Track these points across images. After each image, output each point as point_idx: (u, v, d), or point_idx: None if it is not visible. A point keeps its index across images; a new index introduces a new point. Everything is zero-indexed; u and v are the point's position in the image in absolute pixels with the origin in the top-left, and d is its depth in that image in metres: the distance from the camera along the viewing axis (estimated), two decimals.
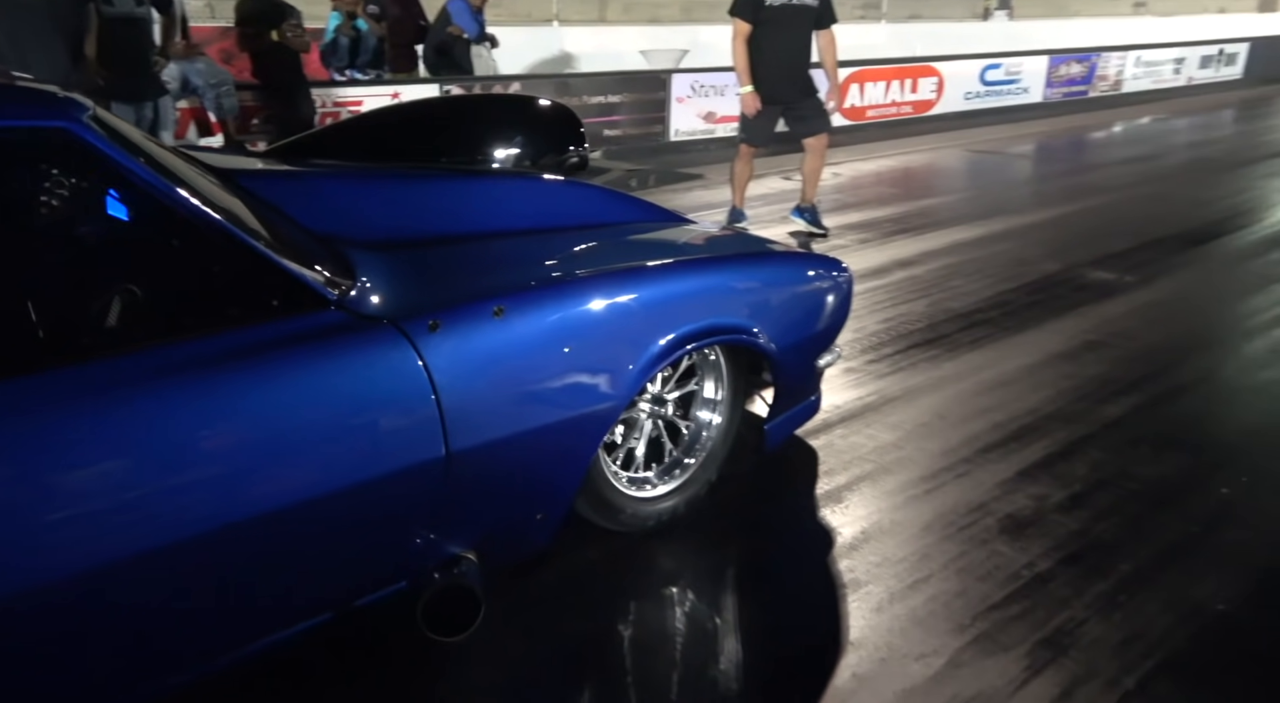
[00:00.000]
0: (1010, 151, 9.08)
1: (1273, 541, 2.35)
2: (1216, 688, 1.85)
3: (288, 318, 1.58)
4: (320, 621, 1.73)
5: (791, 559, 2.36)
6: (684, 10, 12.71)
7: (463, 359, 1.72)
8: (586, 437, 1.99)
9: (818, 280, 2.52)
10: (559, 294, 1.94)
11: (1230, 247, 5.23)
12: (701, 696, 1.88)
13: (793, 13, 4.93)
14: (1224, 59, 15.84)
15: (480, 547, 1.89)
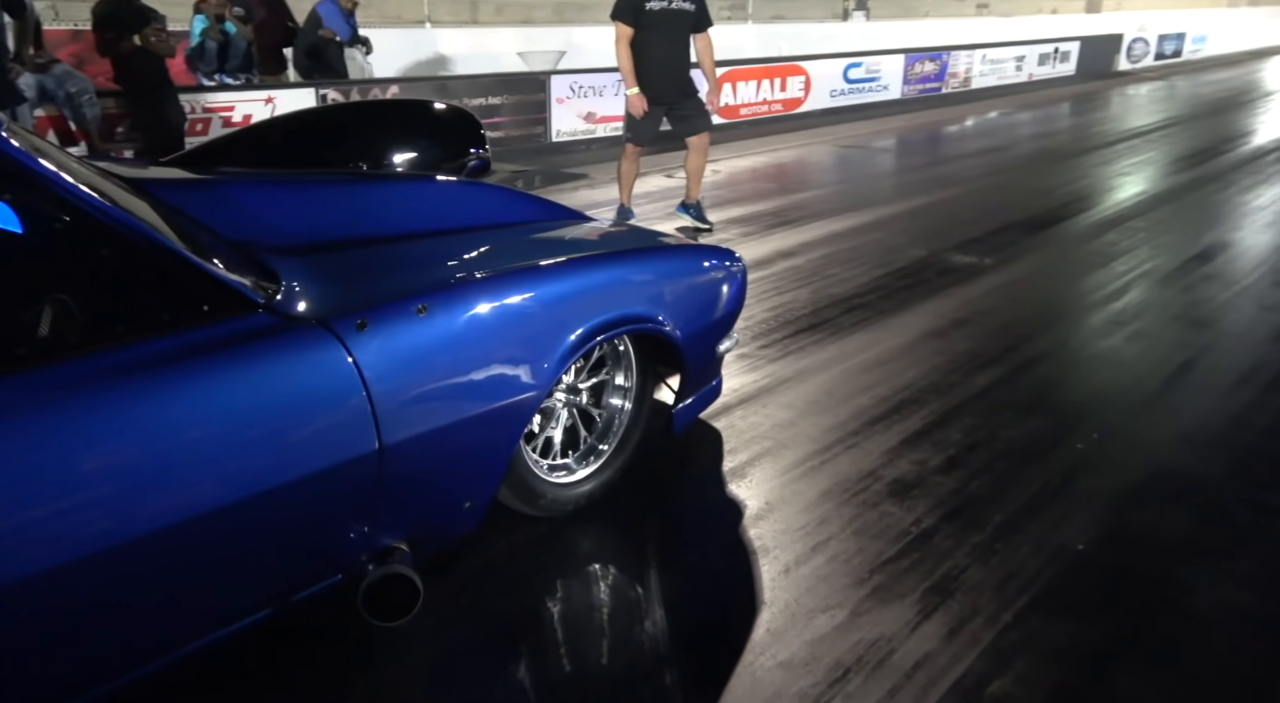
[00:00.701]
0: (874, 146, 9.58)
1: (1121, 486, 2.65)
2: (1078, 616, 2.10)
3: (218, 322, 1.62)
4: (259, 618, 1.77)
5: (704, 531, 2.52)
6: (556, 12, 12.77)
7: (391, 356, 1.79)
8: (510, 426, 2.08)
9: (715, 270, 2.69)
10: (478, 291, 2.02)
11: (1073, 229, 5.74)
12: (630, 660, 2.00)
13: (671, 17, 5.13)
14: (1059, 57, 17.11)
15: (411, 537, 1.96)
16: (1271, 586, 2.19)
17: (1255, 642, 2.01)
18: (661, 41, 5.17)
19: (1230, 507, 2.53)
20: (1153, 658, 1.96)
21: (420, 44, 10.74)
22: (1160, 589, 2.19)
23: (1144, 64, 19.94)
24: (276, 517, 1.67)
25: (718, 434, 2.96)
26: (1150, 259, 4.97)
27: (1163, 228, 5.73)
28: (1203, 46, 22.91)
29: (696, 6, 5.21)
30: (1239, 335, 3.83)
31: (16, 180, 1.45)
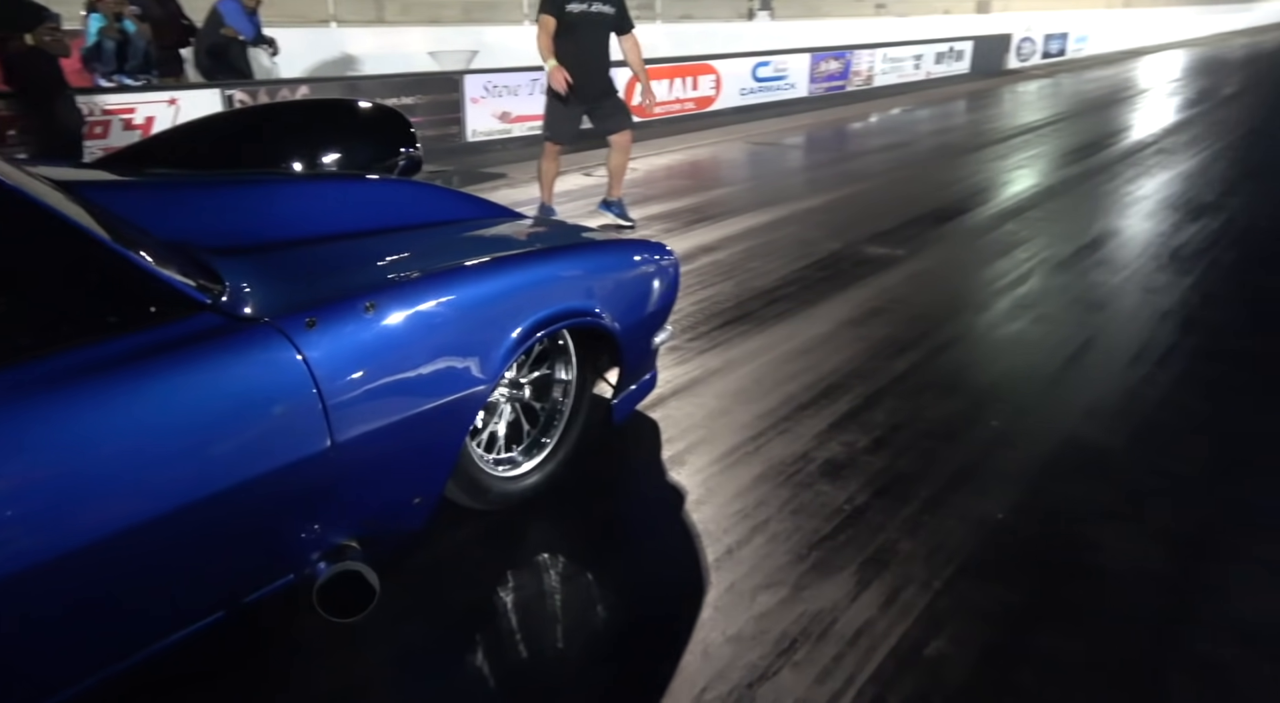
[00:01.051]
0: (784, 143, 9.83)
1: (1034, 459, 2.82)
2: (1001, 579, 2.24)
3: (166, 324, 1.61)
4: (212, 620, 1.76)
5: (647, 519, 2.59)
6: (464, 11, 12.65)
7: (340, 354, 1.81)
8: (457, 421, 2.12)
9: (649, 264, 2.76)
10: (425, 289, 2.04)
11: (976, 220, 6.02)
12: (586, 644, 2.06)
13: (592, 19, 5.20)
14: (954, 55, 17.80)
15: (362, 534, 1.96)
16: (1172, 542, 2.39)
17: (1159, 595, 2.19)
18: (582, 42, 5.23)
19: (1131, 474, 2.73)
20: (1069, 615, 2.12)
21: (326, 43, 10.50)
22: (1073, 551, 2.36)
23: (1032, 62, 20.91)
24: (229, 518, 1.67)
25: (655, 425, 3.03)
26: (1047, 247, 5.26)
27: (1057, 218, 6.06)
28: (1084, 46, 24.15)
29: (616, 9, 5.29)
30: (1130, 316, 4.11)
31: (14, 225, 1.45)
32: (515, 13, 12.56)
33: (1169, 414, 3.11)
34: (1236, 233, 5.54)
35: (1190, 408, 3.16)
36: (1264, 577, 2.25)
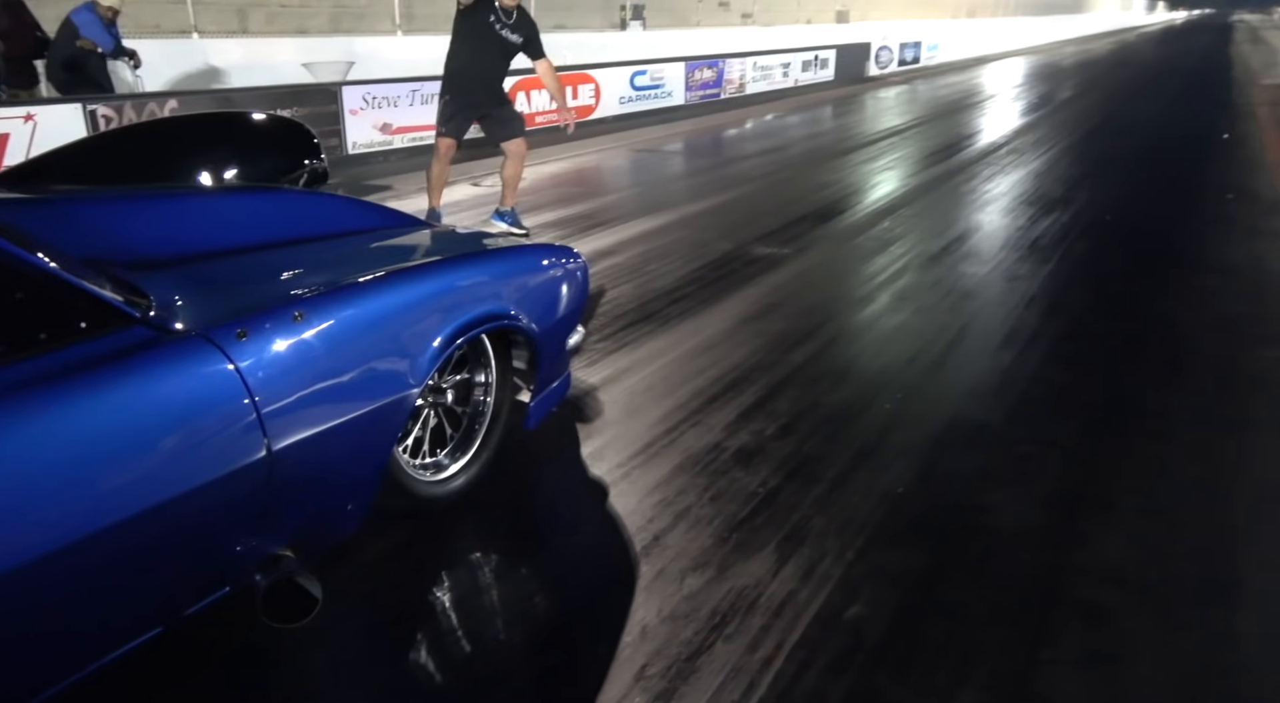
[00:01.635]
0: (666, 150, 10.06)
1: (925, 436, 3.05)
2: (906, 545, 2.43)
3: (98, 338, 1.61)
4: (149, 636, 1.75)
5: (574, 513, 2.67)
6: (332, 21, 12.32)
7: (272, 363, 1.82)
8: (388, 426, 2.15)
9: (559, 267, 2.83)
10: (352, 296, 2.08)
11: (852, 219, 6.35)
12: (527, 634, 2.12)
13: (498, 39, 5.28)
14: (819, 63, 18.56)
15: (296, 542, 1.98)
16: (1050, 502, 2.64)
17: (1044, 549, 2.42)
18: (481, 55, 5.32)
19: (1012, 444, 2.99)
20: (968, 571, 2.32)
21: (188, 55, 10.07)
22: (967, 516, 2.57)
23: (890, 70, 22.01)
24: (166, 532, 1.66)
25: (572, 425, 3.11)
26: (920, 243, 5.61)
27: (926, 215, 6.47)
28: (936, 53, 25.59)
29: (525, 38, 5.35)
30: (999, 303, 4.45)
31: None
32: (386, 23, 12.35)
33: (1039, 389, 3.41)
34: (1084, 224, 6.06)
35: (1057, 382, 3.47)
36: (1131, 525, 2.52)
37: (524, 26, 5.37)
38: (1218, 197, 6.90)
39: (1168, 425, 3.11)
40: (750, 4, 20.58)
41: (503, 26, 5.27)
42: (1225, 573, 2.30)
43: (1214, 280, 4.76)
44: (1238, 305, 4.37)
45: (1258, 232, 5.76)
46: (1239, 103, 13.70)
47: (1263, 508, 2.60)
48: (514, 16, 5.29)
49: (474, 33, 5.25)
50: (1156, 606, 2.18)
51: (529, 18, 5.42)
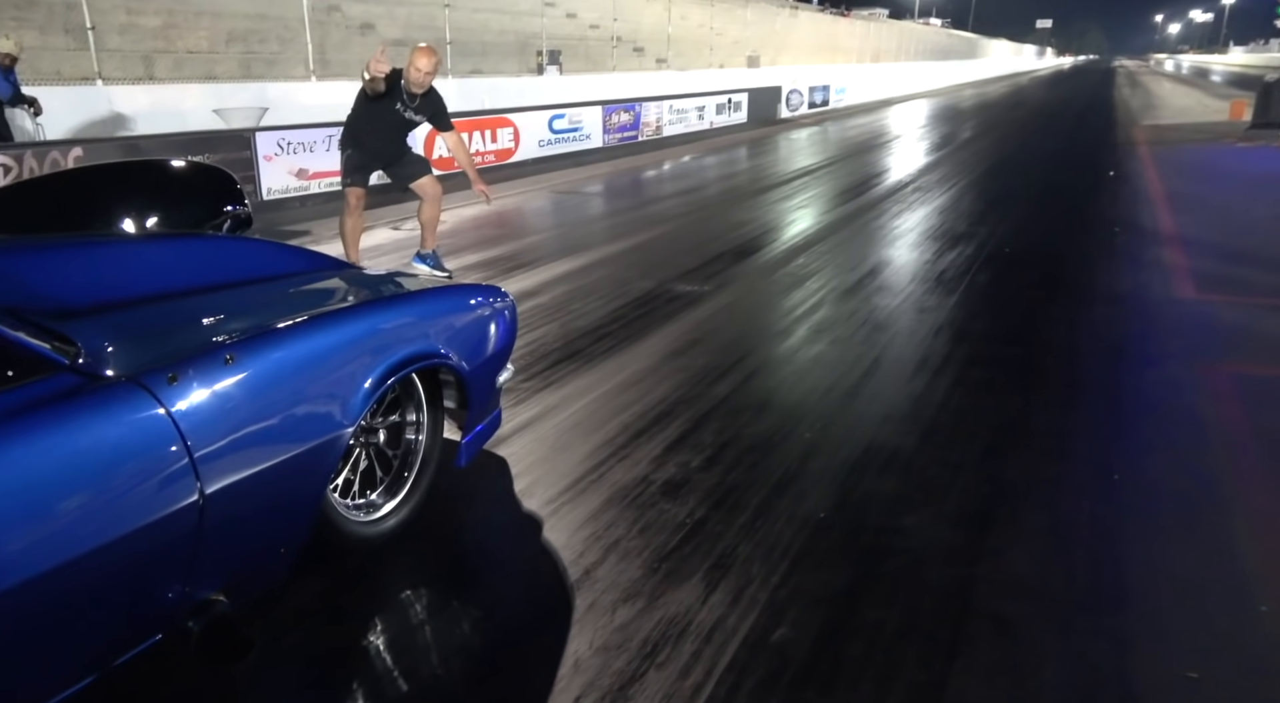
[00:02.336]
0: (586, 191, 10.21)
1: (844, 462, 3.17)
2: (828, 567, 2.53)
3: (25, 385, 1.60)
4: (83, 685, 1.72)
5: (507, 549, 2.70)
6: (243, 67, 12.15)
7: (203, 406, 1.83)
8: (320, 467, 2.17)
9: (487, 306, 2.89)
10: (282, 339, 2.10)
11: (769, 256, 6.56)
12: (462, 670, 2.14)
13: (402, 120, 5.30)
14: (733, 106, 19.11)
15: (228, 587, 1.97)
16: (960, 521, 2.78)
17: (954, 565, 2.54)
18: (383, 130, 5.35)
19: (924, 467, 3.14)
20: (885, 589, 2.43)
21: (91, 102, 9.83)
22: (883, 537, 2.69)
23: (800, 112, 22.79)
24: (97, 579, 1.64)
25: (502, 462, 3.15)
26: (834, 277, 5.84)
27: (839, 251, 6.72)
28: (844, 96, 26.62)
29: (429, 115, 5.37)
30: (909, 333, 4.66)
31: None
32: (300, 68, 12.27)
33: (948, 414, 3.58)
34: (986, 256, 6.38)
35: (964, 407, 3.65)
36: (1034, 540, 2.67)
37: (429, 106, 5.36)
38: (1106, 229, 7.35)
39: (1064, 444, 3.31)
40: (664, 49, 21.10)
41: (406, 108, 5.28)
42: (1117, 581, 2.46)
43: (1103, 308, 5.07)
44: (1125, 331, 4.67)
45: (1142, 262, 6.16)
46: (1122, 142, 14.62)
47: (1150, 519, 2.79)
48: (418, 100, 5.30)
49: (378, 114, 5.25)
50: (1058, 614, 2.32)
51: (435, 95, 5.38)
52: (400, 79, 5.16)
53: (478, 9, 15.75)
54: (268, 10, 12.28)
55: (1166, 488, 2.97)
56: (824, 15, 34.32)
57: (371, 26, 13.74)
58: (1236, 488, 2.96)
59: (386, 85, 5.05)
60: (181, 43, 11.04)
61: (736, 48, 24.56)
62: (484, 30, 15.67)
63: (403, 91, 5.21)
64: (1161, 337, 4.54)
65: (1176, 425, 3.46)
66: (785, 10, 30.81)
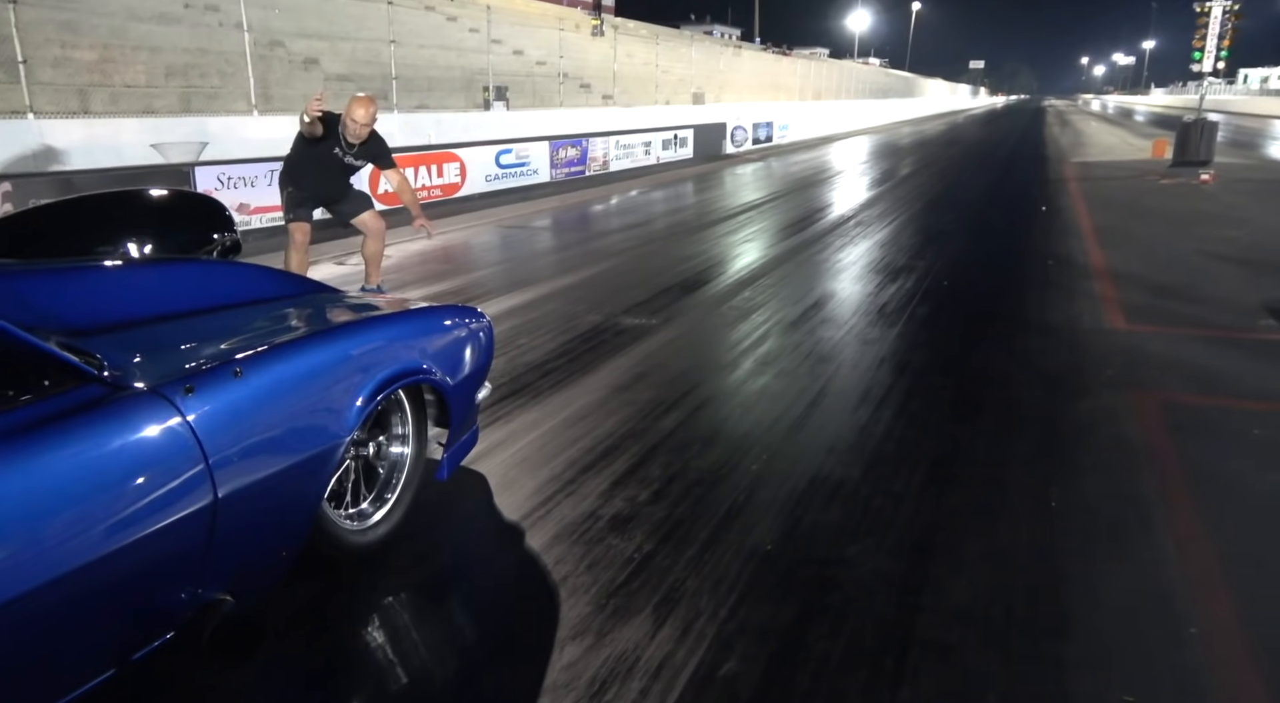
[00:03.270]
0: (534, 225, 10.23)
1: (790, 494, 3.20)
2: (775, 600, 2.54)
3: (60, 394, 1.73)
4: (103, 679, 1.81)
5: (448, 589, 2.66)
6: (183, 101, 11.97)
7: (218, 415, 1.97)
8: (320, 474, 2.31)
9: (466, 327, 3.02)
10: (284, 355, 2.25)
11: (715, 289, 6.64)
12: (450, 671, 2.10)
13: (341, 165, 5.28)
14: (679, 142, 19.38)
15: (233, 587, 2.07)
16: (902, 550, 2.82)
17: (897, 594, 2.58)
18: (322, 173, 5.32)
19: (868, 497, 3.18)
20: (832, 620, 2.45)
21: (22, 136, 9.58)
22: (829, 568, 2.71)
23: (745, 148, 23.21)
24: (120, 576, 1.75)
25: (449, 500, 3.11)
26: (780, 310, 5.92)
27: (784, 284, 6.83)
28: (787, 133, 27.18)
29: (372, 157, 5.34)
30: (853, 365, 4.74)
31: None
32: (241, 103, 12.15)
33: (891, 445, 3.64)
34: (926, 289, 6.54)
35: (906, 437, 3.72)
36: (974, 568, 2.72)
37: (370, 151, 5.33)
38: (1040, 263, 7.59)
39: (1002, 473, 3.38)
40: (611, 86, 21.37)
41: (346, 154, 5.25)
42: (1055, 606, 2.52)
43: (1038, 340, 5.22)
44: (1059, 361, 4.81)
45: (1075, 294, 6.37)
46: (1054, 178, 15.16)
47: (1086, 545, 2.86)
48: (356, 147, 5.27)
49: (317, 157, 5.21)
50: (999, 641, 2.36)
51: (375, 140, 5.34)
52: (339, 123, 5.13)
53: (423, 45, 15.79)
54: (208, 45, 12.16)
55: (1101, 514, 3.05)
56: (766, 54, 35.14)
57: (315, 62, 13.69)
58: (1166, 513, 3.05)
59: (325, 129, 5.01)
60: (118, 77, 10.87)
61: (682, 85, 24.97)
62: (430, 66, 15.71)
63: (341, 137, 5.16)
64: (1094, 366, 4.68)
65: (1110, 453, 3.57)
66: (729, 49, 31.47)
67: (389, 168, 5.44)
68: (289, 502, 2.21)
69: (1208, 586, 2.61)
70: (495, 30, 17.55)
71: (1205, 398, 4.21)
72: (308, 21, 13.74)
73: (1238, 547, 2.82)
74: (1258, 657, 2.29)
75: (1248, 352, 4.90)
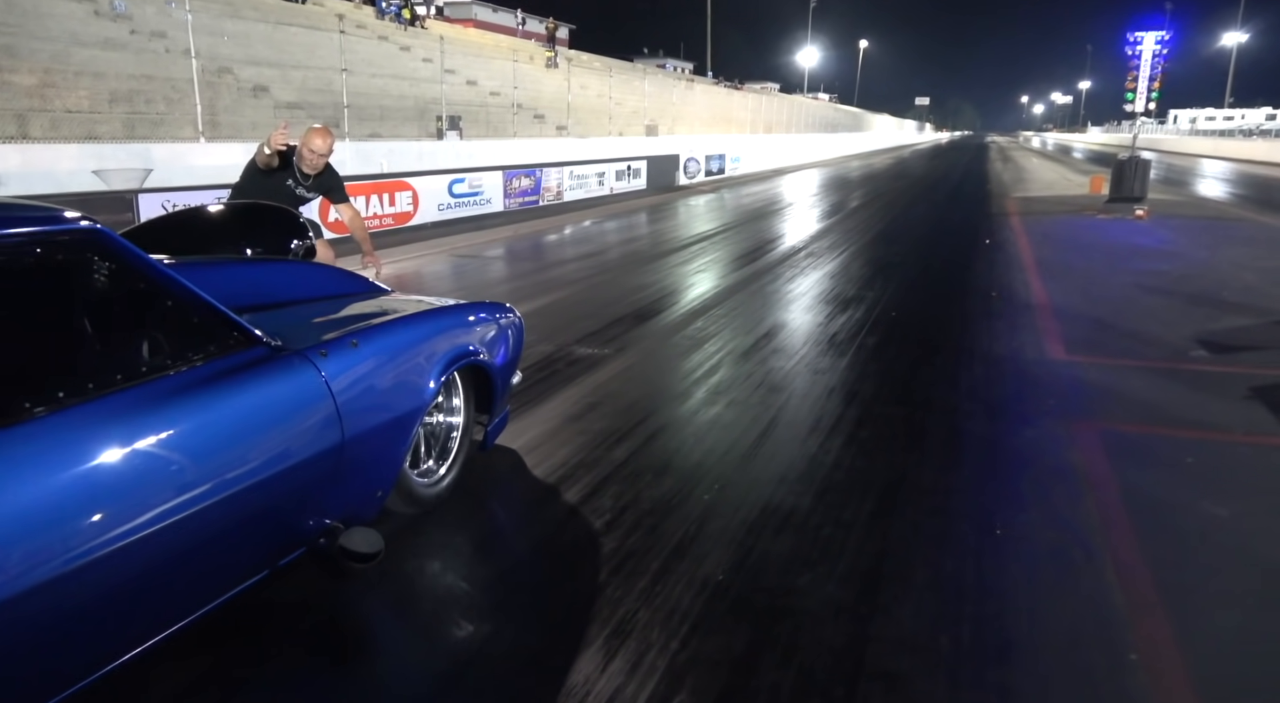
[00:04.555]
0: (487, 255, 10.21)
1: (741, 523, 3.21)
2: (727, 631, 2.54)
3: (242, 351, 2.34)
4: (260, 577, 2.40)
5: (394, 625, 2.61)
6: (127, 127, 11.74)
7: (343, 374, 2.55)
8: (408, 428, 2.87)
9: (504, 318, 3.60)
10: (385, 331, 2.88)
11: (668, 319, 6.68)
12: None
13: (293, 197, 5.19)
14: (633, 173, 19.55)
15: (344, 517, 2.62)
16: (852, 579, 2.84)
17: (847, 623, 2.59)
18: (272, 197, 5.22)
19: (819, 526, 3.21)
20: (782, 651, 2.45)
21: None
22: (780, 597, 2.72)
23: (698, 179, 23.50)
24: (279, 494, 2.32)
25: (399, 530, 3.06)
26: (731, 340, 5.97)
27: (736, 314, 6.89)
28: (739, 165, 27.60)
29: (325, 190, 5.25)
30: (804, 395, 4.79)
31: (142, 284, 2.17)
32: (188, 129, 11.98)
33: (841, 474, 3.68)
34: (874, 320, 6.66)
35: (855, 466, 3.76)
36: (922, 596, 2.75)
37: (324, 184, 5.25)
38: (984, 294, 7.77)
39: (948, 502, 3.44)
40: (565, 117, 21.51)
41: (299, 185, 5.18)
42: (1000, 634, 2.56)
43: (982, 369, 5.34)
44: (1003, 391, 4.92)
45: (1017, 325, 6.53)
46: (996, 212, 15.59)
47: (1030, 572, 2.91)
48: (311, 179, 5.20)
49: (269, 187, 5.09)
50: (946, 669, 2.38)
51: (330, 173, 5.25)
52: (294, 155, 5.06)
53: (376, 74, 15.76)
54: (154, 71, 12.00)
55: (1043, 541, 3.11)
56: (718, 88, 35.73)
57: (265, 89, 13.58)
58: (1106, 540, 3.12)
59: (280, 159, 4.95)
60: (59, 102, 10.66)
61: (635, 117, 25.24)
62: (382, 95, 15.67)
63: (296, 168, 5.10)
64: (1036, 396, 4.80)
65: (1052, 482, 3.65)
66: (682, 82, 31.94)
67: (342, 202, 5.35)
68: (385, 451, 2.78)
69: (1147, 612, 2.67)
70: (449, 61, 17.60)
71: (1142, 427, 4.34)
72: (257, 49, 13.64)
73: (1173, 574, 2.89)
74: (1196, 682, 2.34)
75: (1181, 382, 5.06)
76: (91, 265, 2.03)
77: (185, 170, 10.31)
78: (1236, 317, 6.73)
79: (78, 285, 2.03)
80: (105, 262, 2.05)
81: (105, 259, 2.05)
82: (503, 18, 45.48)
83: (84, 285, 2.03)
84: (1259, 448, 4.02)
